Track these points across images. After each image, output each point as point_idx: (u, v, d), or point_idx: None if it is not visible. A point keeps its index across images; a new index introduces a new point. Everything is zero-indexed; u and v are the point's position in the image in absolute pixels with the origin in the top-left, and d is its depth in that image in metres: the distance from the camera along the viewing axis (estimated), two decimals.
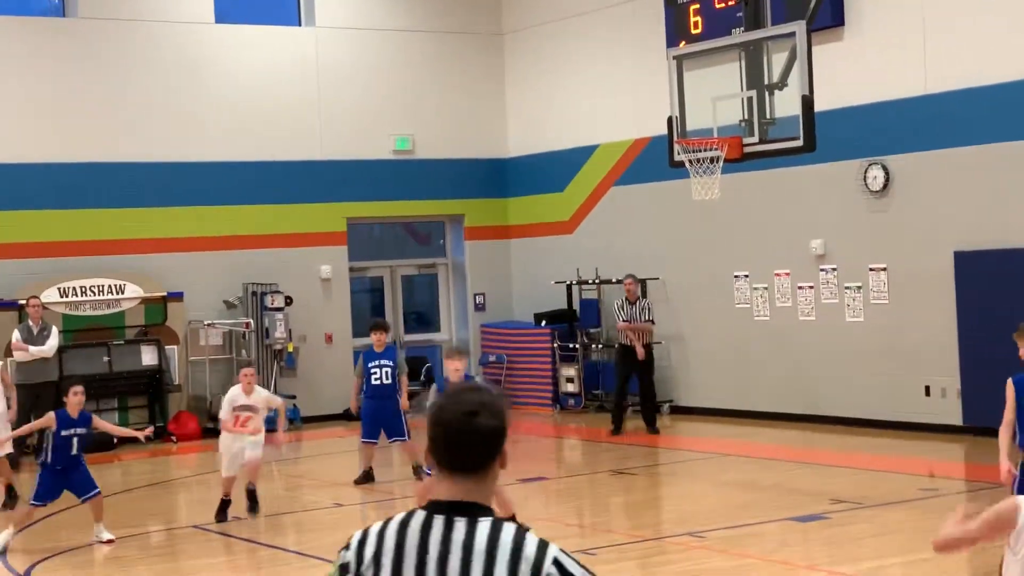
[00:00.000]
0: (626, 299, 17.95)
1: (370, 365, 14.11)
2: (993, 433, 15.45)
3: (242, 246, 20.19)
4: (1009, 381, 8.86)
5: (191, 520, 12.94)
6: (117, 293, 19.02)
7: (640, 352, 17.51)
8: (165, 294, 19.30)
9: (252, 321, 19.70)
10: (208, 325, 19.64)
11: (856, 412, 17.02)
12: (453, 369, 11.28)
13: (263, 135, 20.42)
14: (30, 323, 17.17)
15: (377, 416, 14.11)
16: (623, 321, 17.75)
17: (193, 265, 19.73)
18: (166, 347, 19.10)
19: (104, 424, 12.48)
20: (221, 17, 20.47)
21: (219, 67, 20.28)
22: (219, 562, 11.13)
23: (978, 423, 15.59)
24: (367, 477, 14.22)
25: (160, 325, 19.25)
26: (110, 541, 11.52)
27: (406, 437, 14.12)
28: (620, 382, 17.82)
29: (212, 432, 19.17)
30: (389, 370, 14.06)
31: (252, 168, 20.38)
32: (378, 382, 14.06)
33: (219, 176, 20.11)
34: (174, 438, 18.84)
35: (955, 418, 15.97)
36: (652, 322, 17.82)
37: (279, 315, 19.75)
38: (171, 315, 19.35)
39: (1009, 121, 15.27)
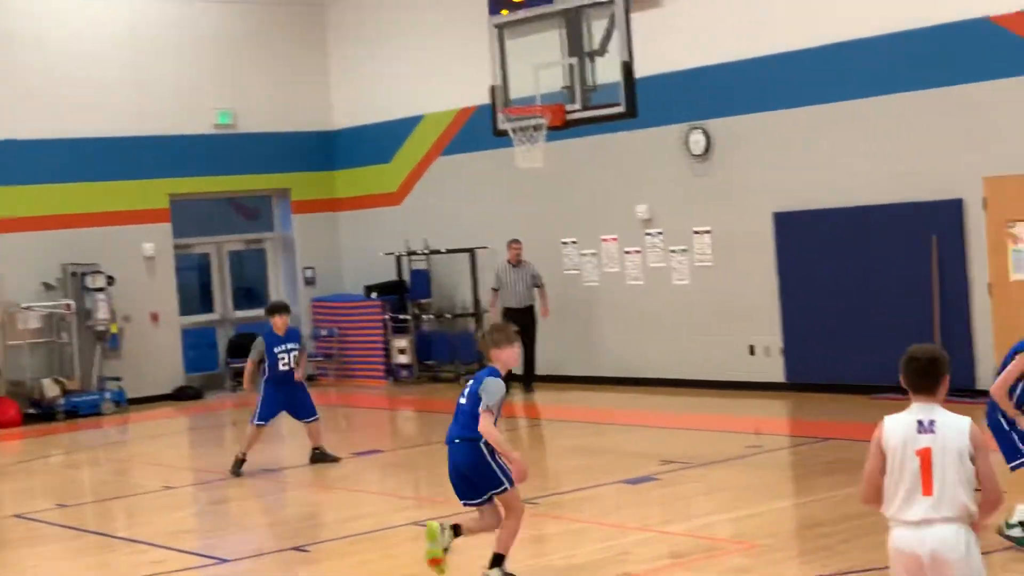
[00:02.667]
0: (509, 261, 18.19)
1: (276, 350, 13.23)
2: (815, 388, 16.00)
3: (60, 225, 19.59)
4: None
5: (14, 509, 12.55)
6: None
7: (544, 312, 18.19)
8: None
9: (73, 302, 19.17)
10: (26, 308, 19.05)
11: (684, 373, 17.33)
12: (506, 360, 8.24)
13: (79, 111, 19.82)
14: None
15: (283, 401, 13.32)
16: (493, 291, 18.38)
17: (8, 246, 19.09)
18: None
19: None
20: None
21: (30, 40, 19.58)
22: (45, 551, 10.80)
23: (800, 379, 16.04)
24: (240, 464, 13.22)
25: None
26: None
27: (318, 416, 13.55)
28: None
29: (33, 418, 18.69)
30: (297, 354, 13.31)
31: (68, 145, 19.76)
32: (286, 367, 13.23)
33: (34, 154, 19.44)
34: None
35: (778, 375, 16.38)
36: (543, 282, 18.30)
37: (101, 295, 19.27)
38: None
39: (825, 84, 15.64)
